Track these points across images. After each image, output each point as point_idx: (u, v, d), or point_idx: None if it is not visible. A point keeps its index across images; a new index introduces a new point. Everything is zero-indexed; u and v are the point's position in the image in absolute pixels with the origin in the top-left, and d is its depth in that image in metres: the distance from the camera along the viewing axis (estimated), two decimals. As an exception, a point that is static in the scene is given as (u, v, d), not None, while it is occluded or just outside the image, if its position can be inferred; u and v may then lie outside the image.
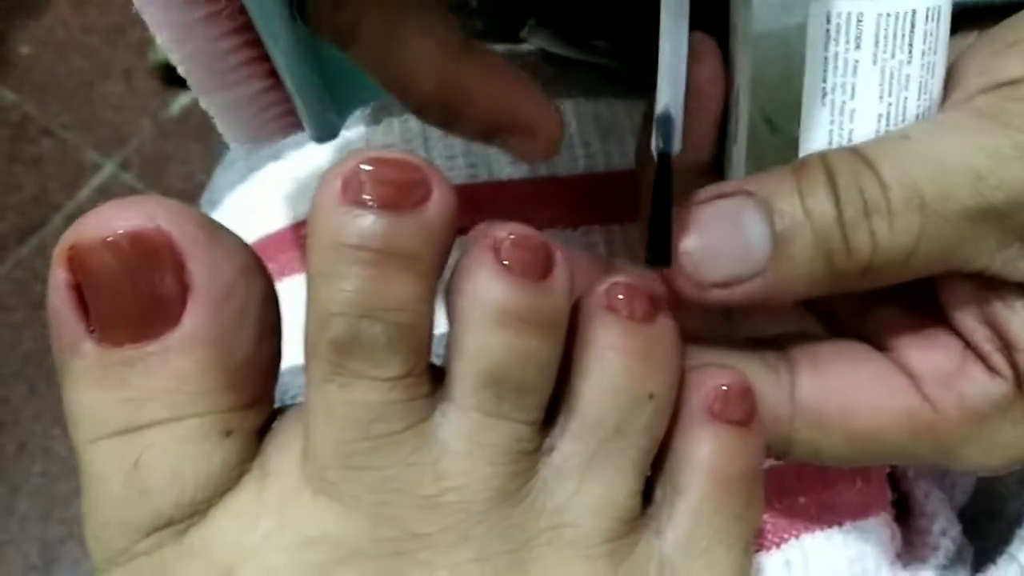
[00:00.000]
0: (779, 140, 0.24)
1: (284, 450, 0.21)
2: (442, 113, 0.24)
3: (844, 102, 0.23)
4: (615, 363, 0.21)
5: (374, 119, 0.36)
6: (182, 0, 0.23)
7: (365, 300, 0.19)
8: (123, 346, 0.20)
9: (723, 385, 0.22)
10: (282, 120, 0.27)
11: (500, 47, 0.38)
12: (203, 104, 0.26)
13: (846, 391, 0.23)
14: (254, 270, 0.21)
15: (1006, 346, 0.22)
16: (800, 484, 0.32)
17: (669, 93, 0.20)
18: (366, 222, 0.19)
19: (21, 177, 1.17)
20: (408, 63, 0.23)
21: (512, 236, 0.21)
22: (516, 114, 0.24)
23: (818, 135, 0.23)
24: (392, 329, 0.20)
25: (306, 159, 0.37)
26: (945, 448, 0.23)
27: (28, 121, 1.18)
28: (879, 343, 0.24)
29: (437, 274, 0.20)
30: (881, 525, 0.33)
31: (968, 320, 0.23)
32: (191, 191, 1.14)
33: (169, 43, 0.24)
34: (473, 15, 0.39)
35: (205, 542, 0.20)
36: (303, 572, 0.20)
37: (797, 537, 0.31)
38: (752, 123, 0.24)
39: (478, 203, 0.35)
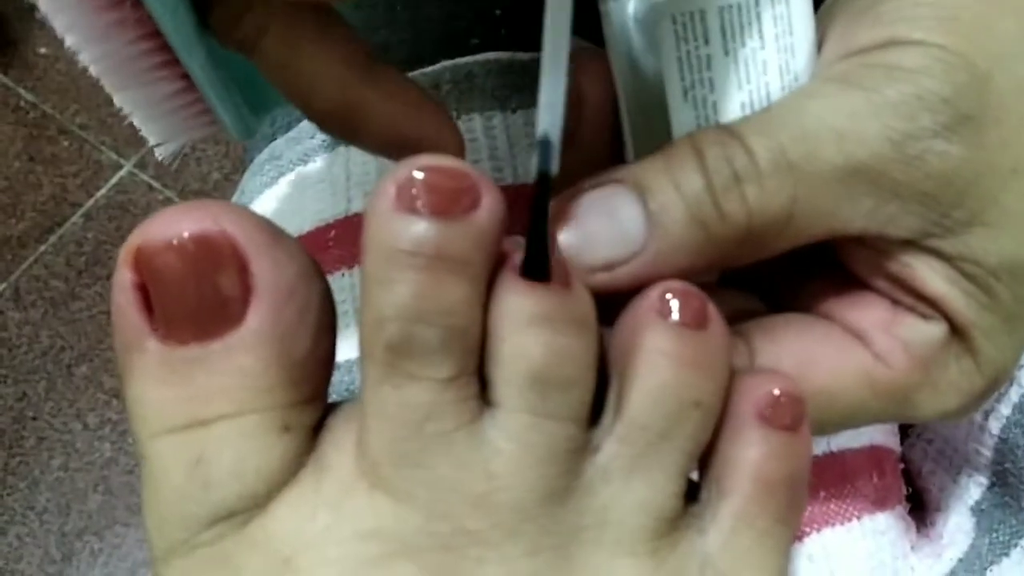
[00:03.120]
0: (659, 140, 0.24)
1: (339, 446, 0.21)
2: (341, 127, 0.24)
3: (705, 96, 0.23)
4: (665, 370, 0.21)
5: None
6: (88, 7, 0.23)
7: (419, 304, 0.20)
8: (188, 344, 0.20)
9: (775, 390, 0.22)
10: (200, 118, 0.27)
11: (525, 55, 0.39)
12: (117, 101, 0.25)
13: (802, 354, 0.24)
14: (313, 272, 0.21)
15: (922, 298, 0.23)
16: (820, 479, 0.33)
17: (548, 118, 0.21)
18: (419, 229, 0.20)
19: (40, 176, 1.17)
20: (308, 75, 0.23)
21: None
22: (417, 133, 0.24)
23: (687, 131, 0.23)
24: (444, 332, 0.20)
25: (335, 162, 0.37)
26: (903, 399, 0.24)
27: (47, 121, 1.18)
28: (820, 313, 0.25)
29: (487, 277, 0.21)
30: (897, 518, 0.34)
31: (879, 282, 0.24)
32: (207, 191, 1.14)
33: (77, 46, 0.23)
34: (498, 24, 0.40)
35: (266, 533, 0.21)
36: (360, 564, 0.20)
37: (818, 531, 0.32)
38: (633, 126, 0.25)
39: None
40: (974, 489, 0.35)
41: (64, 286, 1.12)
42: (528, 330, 0.21)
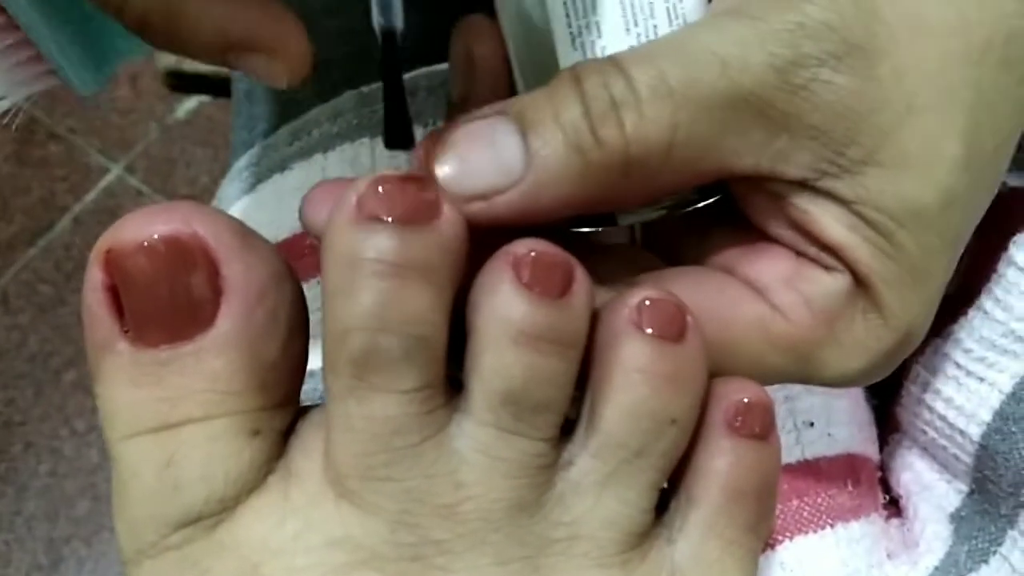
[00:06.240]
0: None
1: (307, 453, 0.22)
2: (164, 32, 0.23)
3: (593, 41, 0.23)
4: (642, 387, 0.21)
5: (381, 131, 0.37)
6: None
7: (382, 313, 0.20)
8: (158, 346, 0.20)
9: (744, 399, 0.22)
10: (36, 69, 0.26)
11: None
12: None
13: (692, 306, 0.22)
14: (284, 275, 0.21)
15: (826, 247, 0.22)
16: (793, 487, 0.33)
17: None
18: (381, 236, 0.20)
19: (28, 180, 1.17)
20: None
21: (532, 253, 0.21)
22: (250, 30, 0.23)
23: None
24: (408, 341, 0.20)
25: (312, 169, 0.37)
26: (804, 356, 0.23)
27: (35, 124, 1.18)
28: (722, 268, 0.24)
29: (451, 286, 0.21)
30: (873, 526, 0.34)
31: (780, 230, 0.23)
32: (196, 195, 1.14)
33: None
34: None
35: (234, 538, 0.21)
36: (327, 571, 0.20)
37: (791, 539, 0.32)
38: (526, 81, 0.25)
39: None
40: (953, 496, 0.35)
41: (52, 291, 1.12)
42: (512, 348, 0.20)
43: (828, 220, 0.22)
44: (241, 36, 0.23)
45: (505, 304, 0.20)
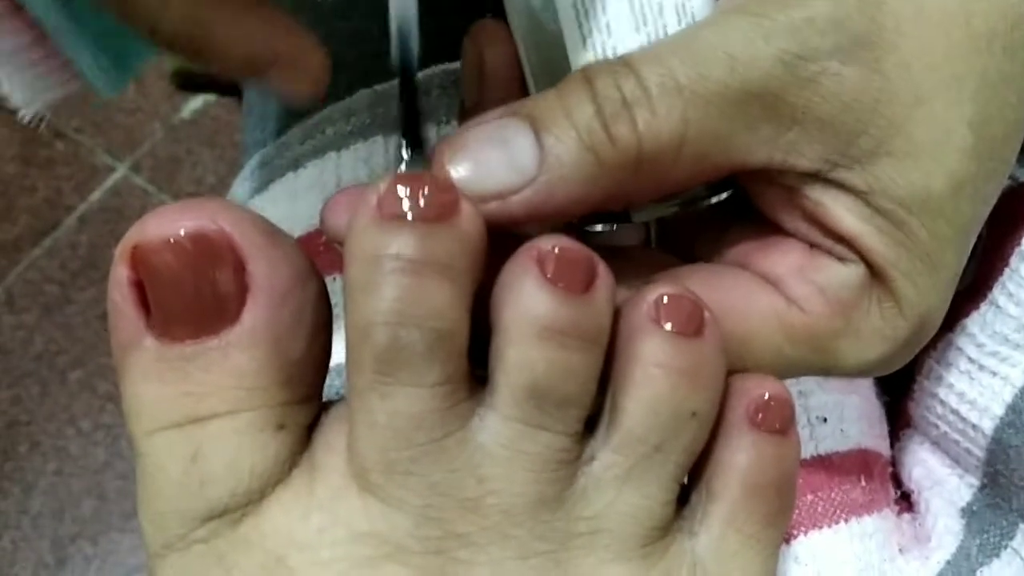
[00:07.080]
0: None
1: (330, 447, 0.22)
2: (191, 49, 0.24)
3: (604, 42, 0.23)
4: (661, 381, 0.21)
5: (394, 129, 0.37)
6: None
7: (404, 308, 0.20)
8: (184, 342, 0.21)
9: (765, 394, 0.23)
10: (60, 74, 0.27)
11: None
12: None
13: (709, 301, 0.23)
14: (309, 272, 0.22)
15: (840, 238, 0.23)
16: (807, 482, 0.33)
17: (398, 6, 0.21)
18: (401, 234, 0.20)
19: (34, 179, 1.17)
20: None
21: (556, 249, 0.21)
22: (271, 47, 0.24)
23: None
24: (430, 335, 0.20)
25: (325, 168, 0.38)
26: (822, 347, 0.23)
27: (41, 124, 1.19)
28: (735, 262, 0.25)
29: (472, 283, 0.21)
30: (884, 521, 0.34)
31: (794, 223, 0.23)
32: (202, 194, 1.14)
33: None
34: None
35: (259, 532, 0.21)
36: (352, 565, 0.21)
37: (806, 533, 0.32)
38: (537, 84, 0.25)
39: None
40: (965, 491, 0.35)
41: (58, 290, 1.12)
42: (536, 342, 0.21)
43: (841, 211, 0.22)
44: (264, 52, 0.24)
45: (530, 299, 0.21)
